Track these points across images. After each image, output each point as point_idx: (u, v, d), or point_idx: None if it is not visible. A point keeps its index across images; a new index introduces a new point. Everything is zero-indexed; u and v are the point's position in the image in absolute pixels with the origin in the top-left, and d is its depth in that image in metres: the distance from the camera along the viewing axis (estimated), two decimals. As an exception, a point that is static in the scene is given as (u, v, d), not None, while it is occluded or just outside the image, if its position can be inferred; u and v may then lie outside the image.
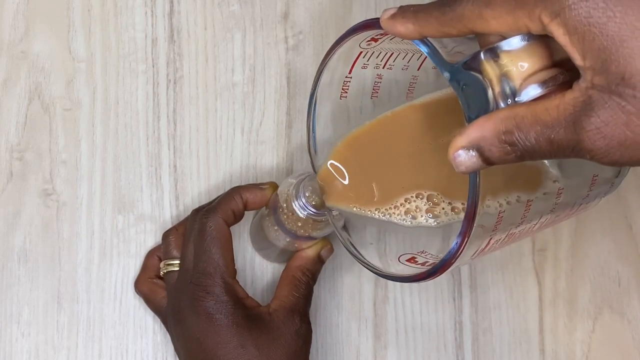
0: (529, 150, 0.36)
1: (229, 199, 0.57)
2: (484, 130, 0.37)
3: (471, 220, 0.40)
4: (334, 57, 0.48)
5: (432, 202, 0.49)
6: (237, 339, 0.53)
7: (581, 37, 0.34)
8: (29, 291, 0.62)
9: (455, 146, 0.38)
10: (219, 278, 0.54)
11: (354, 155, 0.51)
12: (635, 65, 0.33)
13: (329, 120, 0.52)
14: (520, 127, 0.36)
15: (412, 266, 0.49)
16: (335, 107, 0.52)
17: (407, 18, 0.40)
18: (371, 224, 0.53)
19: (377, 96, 0.51)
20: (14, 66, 0.64)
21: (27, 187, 0.63)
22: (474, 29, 0.38)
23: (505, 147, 0.37)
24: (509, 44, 0.37)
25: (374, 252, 0.52)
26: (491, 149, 0.37)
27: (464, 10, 0.37)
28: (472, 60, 0.38)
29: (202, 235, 0.55)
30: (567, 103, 0.35)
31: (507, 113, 0.37)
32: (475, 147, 0.37)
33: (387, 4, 0.66)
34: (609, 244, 0.65)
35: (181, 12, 0.65)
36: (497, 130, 0.37)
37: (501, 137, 0.37)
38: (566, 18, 0.34)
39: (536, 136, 0.36)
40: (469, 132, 0.37)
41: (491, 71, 0.37)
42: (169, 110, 0.65)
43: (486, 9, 0.36)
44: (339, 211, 0.52)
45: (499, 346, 0.64)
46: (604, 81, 0.34)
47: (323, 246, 0.58)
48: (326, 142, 0.53)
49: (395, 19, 0.40)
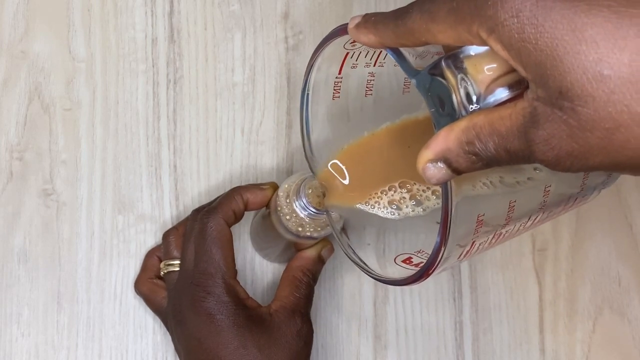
0: (492, 159, 0.36)
1: (229, 199, 0.57)
2: (447, 142, 0.37)
3: (446, 227, 0.40)
4: (321, 60, 0.48)
5: (407, 189, 0.49)
6: (239, 339, 0.53)
7: (517, 52, 0.34)
8: (29, 291, 0.62)
9: (423, 160, 0.38)
10: (220, 278, 0.54)
11: (352, 159, 0.52)
12: (569, 79, 0.33)
13: (325, 121, 0.52)
14: (480, 138, 0.36)
15: (407, 267, 0.49)
16: (330, 107, 0.52)
17: (368, 28, 0.40)
18: (370, 224, 0.53)
19: (371, 94, 0.51)
20: (14, 66, 0.64)
21: (27, 187, 0.63)
22: (426, 41, 0.38)
23: (471, 157, 0.37)
24: (471, 49, 0.37)
25: (372, 253, 0.52)
26: (458, 160, 0.37)
27: (413, 24, 0.37)
28: (435, 66, 0.38)
29: (203, 236, 0.55)
30: (518, 113, 0.35)
31: (467, 123, 0.36)
32: (442, 159, 0.37)
33: (387, 4, 0.66)
34: (609, 244, 0.65)
35: (181, 12, 0.65)
36: (460, 141, 0.37)
37: (464, 147, 0.37)
38: (500, 34, 0.34)
39: (495, 146, 0.36)
40: (434, 144, 0.37)
41: (452, 77, 0.37)
42: (169, 110, 0.65)
43: (431, 24, 0.36)
44: (338, 211, 0.52)
45: (499, 346, 0.64)
46: (545, 94, 0.34)
47: (323, 246, 0.58)
48: (325, 142, 0.53)
49: (359, 29, 0.40)
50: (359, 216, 0.51)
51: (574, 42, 0.33)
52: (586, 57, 0.32)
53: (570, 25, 0.33)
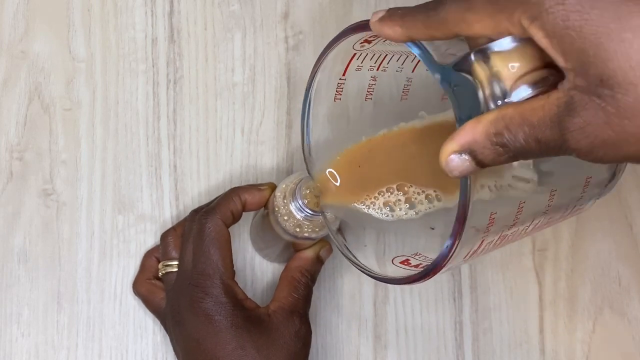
0: (520, 150, 0.37)
1: (227, 199, 0.57)
2: (474, 134, 0.37)
3: (462, 222, 0.40)
4: (328, 59, 0.48)
5: (404, 192, 0.50)
6: (237, 340, 0.53)
7: (560, 40, 0.34)
8: (29, 291, 0.63)
9: (447, 151, 0.38)
10: (218, 279, 0.54)
11: (350, 162, 0.52)
12: (612, 67, 0.33)
13: (325, 122, 0.52)
14: (509, 128, 0.36)
15: (405, 268, 0.49)
16: (331, 108, 0.52)
17: (394, 21, 0.40)
18: (369, 226, 0.53)
19: (371, 98, 0.51)
20: (14, 66, 0.64)
21: (27, 187, 0.63)
22: (459, 32, 0.38)
23: (498, 149, 0.37)
24: (499, 45, 0.37)
25: (370, 254, 0.52)
26: (484, 152, 0.37)
27: (447, 15, 0.37)
28: (462, 61, 0.38)
29: (201, 236, 0.55)
30: (552, 103, 0.35)
31: (497, 115, 0.37)
32: (467, 150, 0.37)
33: (387, 4, 0.66)
34: (609, 244, 0.65)
35: (181, 12, 0.65)
36: (488, 133, 0.37)
37: (492, 139, 0.37)
38: (544, 22, 0.34)
39: (525, 137, 0.36)
40: (460, 136, 0.37)
41: (481, 72, 0.37)
42: (169, 110, 0.65)
43: (468, 13, 0.37)
44: (334, 212, 0.52)
45: (499, 346, 0.64)
46: (584, 82, 0.34)
47: (322, 247, 0.58)
48: (324, 143, 0.53)
49: (384, 22, 0.40)
50: (355, 217, 0.51)
51: (619, 30, 0.33)
52: (631, 45, 0.33)
53: (617, 13, 0.33)
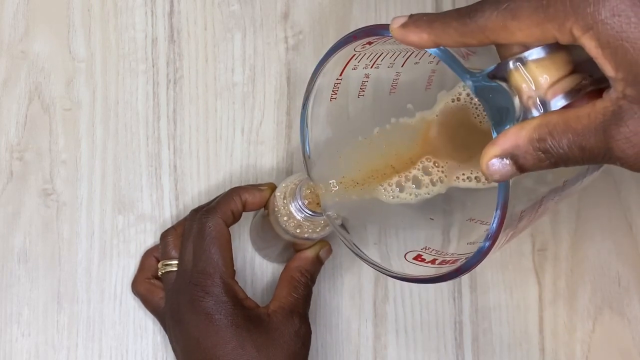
0: (563, 157, 0.37)
1: (228, 199, 0.57)
2: (517, 139, 0.37)
3: (500, 225, 0.41)
4: (330, 63, 0.48)
5: (409, 172, 0.51)
6: (237, 339, 0.53)
7: (613, 50, 0.34)
8: (29, 291, 0.63)
9: (488, 155, 0.38)
10: (219, 278, 0.54)
11: (352, 164, 0.52)
12: None
13: (323, 123, 0.52)
14: (553, 135, 0.37)
15: (423, 265, 0.49)
16: (328, 109, 0.52)
17: (421, 27, 0.39)
18: (371, 222, 0.53)
19: (363, 95, 0.51)
20: (14, 66, 0.64)
21: (27, 187, 0.63)
22: (497, 40, 0.38)
23: (540, 155, 0.37)
24: (534, 54, 0.37)
25: (376, 252, 0.52)
26: (526, 157, 0.37)
27: (487, 22, 0.37)
28: (499, 69, 0.38)
29: (202, 236, 0.55)
30: (598, 112, 0.36)
31: (540, 121, 0.37)
32: (509, 155, 0.38)
33: (386, 4, 0.66)
34: (609, 244, 0.65)
35: (181, 12, 0.65)
36: (531, 138, 0.37)
37: (535, 144, 0.37)
38: (599, 32, 0.34)
39: (568, 143, 0.36)
40: (503, 140, 0.38)
41: (520, 80, 0.37)
42: (169, 110, 0.65)
43: (512, 21, 0.36)
44: (337, 211, 0.52)
45: (499, 346, 0.64)
46: (635, 93, 0.34)
47: (322, 247, 0.58)
48: (322, 143, 0.53)
49: (408, 29, 0.39)
50: (358, 213, 0.51)
51: None
52: None
53: None
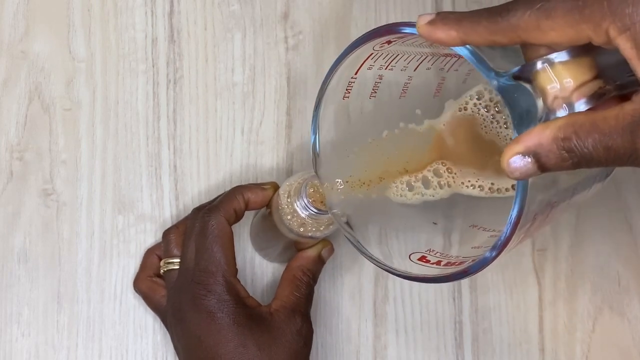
0: (586, 157, 0.37)
1: (231, 198, 0.57)
2: (542, 137, 0.37)
3: (516, 225, 0.41)
4: (349, 59, 0.48)
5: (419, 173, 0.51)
6: (239, 338, 0.53)
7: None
8: (29, 291, 0.62)
9: (511, 152, 0.38)
10: (221, 277, 0.54)
11: (357, 162, 0.52)
12: None
13: (333, 121, 0.52)
14: (578, 134, 0.37)
15: (429, 266, 0.49)
16: (339, 107, 0.52)
17: (449, 25, 0.39)
18: (374, 222, 0.53)
19: (375, 96, 0.51)
20: (14, 66, 0.64)
21: (27, 187, 0.63)
22: (528, 40, 0.38)
23: (563, 154, 0.37)
24: (560, 56, 0.37)
25: (379, 251, 0.52)
26: (549, 155, 0.37)
27: (519, 21, 0.37)
28: (524, 69, 0.38)
29: (204, 234, 0.55)
30: (627, 113, 0.36)
31: (566, 121, 0.37)
32: (532, 153, 0.38)
33: (387, 4, 0.66)
34: (609, 244, 0.65)
35: (181, 12, 0.65)
36: (556, 137, 0.37)
37: (559, 143, 0.37)
38: (636, 33, 0.34)
39: (594, 144, 0.36)
40: (526, 138, 0.38)
41: (547, 81, 0.38)
42: (169, 110, 0.65)
43: (546, 21, 0.36)
44: (342, 209, 0.52)
45: (499, 346, 0.64)
46: None
47: (324, 246, 0.58)
48: (331, 142, 0.52)
49: (435, 25, 0.39)
50: (362, 213, 0.51)
51: None
52: None
53: None
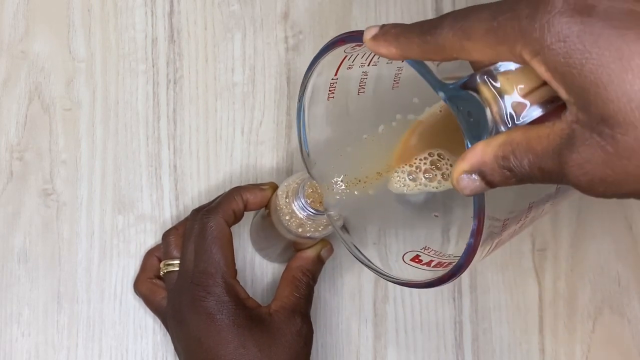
0: (525, 176, 0.37)
1: (229, 199, 0.57)
2: (484, 156, 0.37)
3: (479, 236, 0.41)
4: (321, 64, 0.48)
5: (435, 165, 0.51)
6: (238, 339, 0.53)
7: (561, 75, 0.34)
8: (29, 291, 0.62)
9: (458, 170, 0.38)
10: (220, 278, 0.54)
11: (352, 160, 0.52)
12: (612, 108, 0.33)
13: (322, 122, 0.52)
14: (515, 154, 0.36)
15: (420, 267, 0.49)
16: (326, 108, 0.52)
17: (388, 41, 0.39)
18: (371, 221, 0.53)
19: (363, 92, 0.51)
20: (14, 66, 0.64)
21: (27, 187, 0.63)
22: (458, 58, 0.37)
23: (505, 172, 0.37)
24: (504, 66, 0.37)
25: (374, 252, 0.52)
26: (493, 174, 0.37)
27: (444, 41, 0.37)
28: (469, 81, 0.38)
29: (203, 235, 0.55)
30: (556, 134, 0.35)
31: (505, 139, 0.37)
32: (477, 171, 0.38)
33: (386, 4, 0.66)
34: (609, 244, 0.65)
35: (181, 12, 0.65)
36: (496, 156, 0.37)
37: (500, 162, 0.37)
38: (545, 57, 0.34)
39: (529, 164, 0.36)
40: (470, 157, 0.38)
41: (488, 93, 0.37)
42: (169, 110, 0.65)
43: (467, 42, 0.36)
44: (339, 210, 0.52)
45: (499, 346, 0.64)
46: (586, 118, 0.34)
47: (323, 246, 0.58)
48: (322, 142, 0.52)
49: (378, 41, 0.40)
50: (359, 212, 0.51)
51: (620, 70, 0.33)
52: (631, 86, 0.32)
53: (618, 54, 0.33)
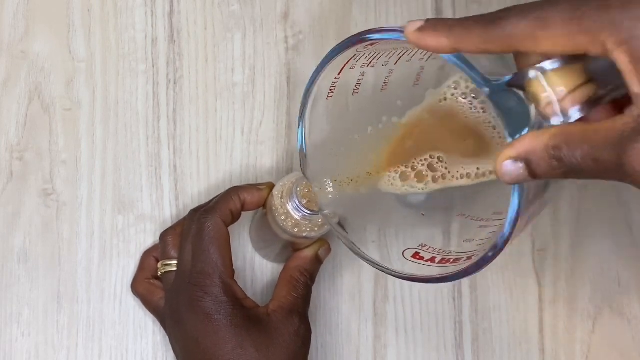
0: (575, 167, 0.37)
1: (227, 199, 0.57)
2: (534, 144, 0.38)
3: (513, 226, 0.42)
4: (331, 64, 0.48)
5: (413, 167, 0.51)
6: (236, 339, 0.53)
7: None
8: (29, 291, 0.63)
9: (504, 156, 0.38)
10: (218, 278, 0.54)
11: (344, 160, 0.52)
12: None
13: (320, 121, 0.52)
14: (568, 144, 0.37)
15: (423, 264, 0.49)
16: (324, 108, 0.52)
17: (440, 32, 0.39)
18: (369, 220, 0.53)
19: (357, 92, 0.51)
20: (14, 66, 0.64)
21: (27, 187, 0.63)
22: (520, 49, 0.37)
23: (553, 162, 0.37)
24: (552, 63, 0.37)
25: (375, 251, 0.52)
26: (539, 163, 0.38)
27: (513, 30, 0.37)
28: (517, 77, 0.38)
29: (201, 235, 0.55)
30: (617, 127, 0.36)
31: (559, 130, 0.37)
32: (524, 159, 0.38)
33: (386, 4, 0.66)
34: (609, 244, 0.65)
35: (181, 12, 0.65)
36: (547, 145, 0.37)
37: (550, 151, 0.37)
38: (632, 47, 0.34)
39: (582, 154, 0.36)
40: (520, 144, 0.38)
41: (540, 89, 0.38)
42: (169, 110, 0.65)
43: (542, 31, 0.36)
44: (334, 209, 0.52)
45: (499, 346, 0.64)
46: None
47: (321, 246, 0.58)
48: (319, 142, 0.52)
49: (425, 32, 0.39)
50: (355, 212, 0.51)
51: None
52: None
53: None
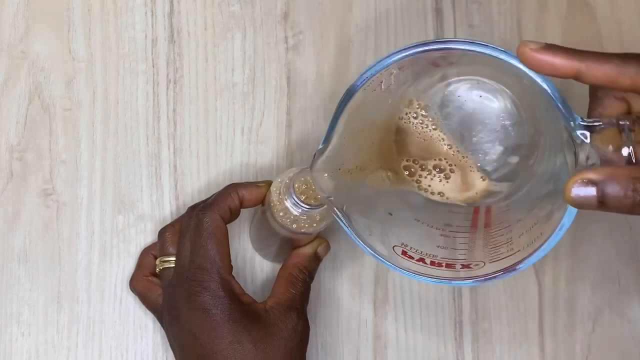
0: None
1: (225, 195, 0.57)
2: (616, 173, 0.39)
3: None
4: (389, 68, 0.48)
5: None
6: (234, 334, 0.53)
7: None
8: (29, 291, 0.63)
9: (581, 175, 0.40)
10: (216, 273, 0.54)
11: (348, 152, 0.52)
12: None
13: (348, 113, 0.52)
14: None
15: (415, 263, 0.49)
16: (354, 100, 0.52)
17: (568, 54, 0.41)
18: (375, 218, 0.53)
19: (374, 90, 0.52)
20: (14, 66, 0.64)
21: (27, 187, 0.63)
22: (636, 90, 0.40)
23: (628, 192, 0.39)
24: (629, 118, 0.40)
25: (377, 243, 0.52)
26: (614, 189, 0.39)
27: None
28: (601, 122, 0.40)
29: (199, 231, 0.55)
30: None
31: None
32: (601, 182, 0.39)
33: (386, 4, 0.66)
34: (609, 244, 0.65)
35: (181, 12, 0.66)
36: (630, 174, 0.39)
37: (637, 184, 0.39)
38: None
39: None
40: (601, 170, 0.39)
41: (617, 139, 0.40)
42: (169, 110, 0.65)
43: None
44: (336, 197, 0.52)
45: (499, 346, 0.64)
46: None
47: (320, 244, 0.58)
48: (341, 132, 0.52)
49: (552, 52, 0.41)
50: (360, 203, 0.51)
51: None
52: None
53: None
